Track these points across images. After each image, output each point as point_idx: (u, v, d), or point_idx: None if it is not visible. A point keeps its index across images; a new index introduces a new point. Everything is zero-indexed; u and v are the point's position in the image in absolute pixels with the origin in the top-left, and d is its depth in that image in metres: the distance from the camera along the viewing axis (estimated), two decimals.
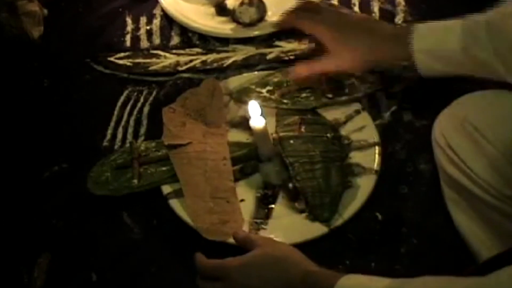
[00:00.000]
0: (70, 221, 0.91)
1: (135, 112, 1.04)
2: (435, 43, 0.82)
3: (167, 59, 1.12)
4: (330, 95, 0.96)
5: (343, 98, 0.96)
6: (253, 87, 1.00)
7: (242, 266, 0.74)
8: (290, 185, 0.87)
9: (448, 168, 0.81)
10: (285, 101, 0.97)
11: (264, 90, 0.99)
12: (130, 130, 1.02)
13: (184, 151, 0.92)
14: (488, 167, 0.77)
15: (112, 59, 1.14)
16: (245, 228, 0.84)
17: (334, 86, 0.97)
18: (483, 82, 0.84)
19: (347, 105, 0.96)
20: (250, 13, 1.14)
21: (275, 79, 1.00)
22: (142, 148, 0.94)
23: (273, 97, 0.98)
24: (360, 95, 0.96)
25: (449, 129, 0.82)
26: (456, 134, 0.81)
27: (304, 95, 0.97)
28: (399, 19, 1.11)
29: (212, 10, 1.19)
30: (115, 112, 1.05)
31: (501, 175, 0.76)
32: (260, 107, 0.88)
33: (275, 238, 0.81)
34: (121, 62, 1.13)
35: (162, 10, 1.21)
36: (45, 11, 1.20)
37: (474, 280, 0.58)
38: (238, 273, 0.73)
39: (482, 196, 0.77)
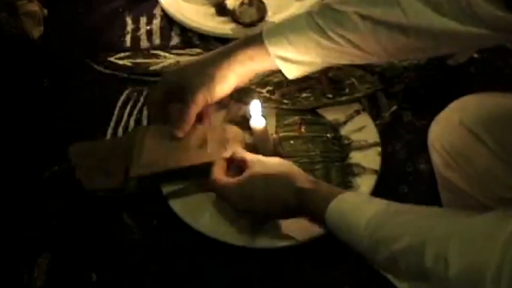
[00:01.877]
0: (70, 221, 0.91)
1: (135, 112, 1.04)
2: (287, 46, 0.82)
3: (167, 59, 1.12)
4: (330, 95, 0.96)
5: (343, 98, 0.96)
6: (253, 87, 1.00)
7: (236, 189, 0.77)
8: None
9: (445, 172, 0.81)
10: (285, 101, 0.97)
11: (264, 90, 0.99)
12: (130, 130, 1.02)
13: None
14: (483, 169, 0.77)
15: (112, 59, 1.14)
16: (246, 229, 0.83)
17: (334, 86, 0.97)
18: (483, 82, 0.84)
19: (347, 105, 0.96)
20: (250, 13, 1.14)
21: (275, 79, 1.00)
22: None
23: (273, 97, 0.98)
24: (360, 95, 0.96)
25: (445, 132, 0.82)
26: (452, 137, 0.81)
27: (304, 95, 0.97)
28: None
29: (212, 10, 1.19)
30: (115, 112, 1.05)
31: (498, 178, 0.76)
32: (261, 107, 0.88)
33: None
34: (121, 62, 1.13)
35: (162, 10, 1.21)
36: (45, 11, 1.20)
37: (462, 218, 0.58)
38: (234, 195, 0.77)
39: (477, 198, 0.77)
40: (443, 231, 0.57)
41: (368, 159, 0.89)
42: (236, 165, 0.83)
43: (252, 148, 0.87)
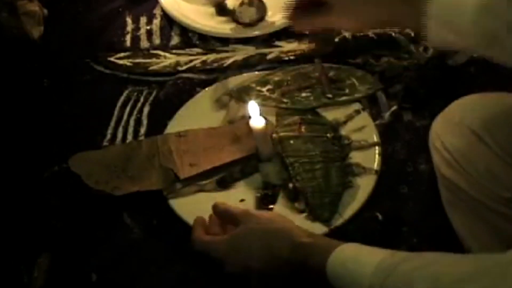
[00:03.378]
0: (70, 221, 0.91)
1: (135, 112, 1.04)
2: (448, 9, 0.78)
3: (167, 59, 1.12)
4: (330, 95, 0.96)
5: (343, 98, 0.96)
6: (254, 85, 1.00)
7: (229, 246, 0.74)
8: (290, 185, 0.87)
9: (446, 171, 0.81)
10: (285, 100, 0.98)
11: (264, 89, 0.99)
12: (130, 130, 1.02)
13: None
14: (485, 169, 0.77)
15: (112, 59, 1.14)
16: None
17: (334, 86, 0.97)
18: (483, 82, 0.84)
19: (347, 105, 0.96)
20: (250, 13, 1.14)
21: (276, 78, 1.00)
22: None
23: (273, 96, 0.98)
24: (360, 95, 0.96)
25: (446, 131, 0.82)
26: (453, 136, 0.80)
27: (304, 94, 0.97)
28: None
29: (212, 10, 1.19)
30: (115, 112, 1.05)
31: (498, 177, 0.76)
32: (259, 107, 0.88)
33: None
34: (121, 62, 1.13)
35: (162, 10, 1.21)
36: (45, 11, 1.20)
37: (476, 261, 0.57)
38: (226, 253, 0.74)
39: (480, 199, 0.77)
40: (457, 276, 0.55)
41: (368, 159, 0.89)
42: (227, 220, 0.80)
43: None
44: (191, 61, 1.11)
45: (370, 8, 0.80)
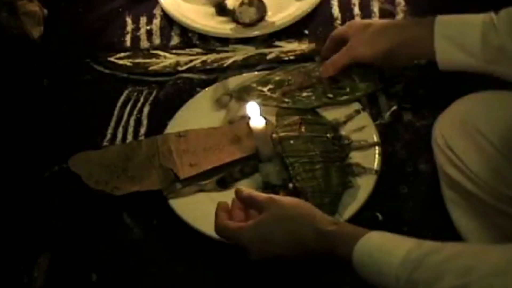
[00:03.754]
0: (70, 221, 0.91)
1: (135, 112, 1.04)
2: (457, 28, 0.81)
3: (167, 59, 1.12)
4: (330, 95, 0.96)
5: (344, 97, 0.96)
6: (254, 85, 1.00)
7: (253, 233, 0.73)
8: (290, 185, 0.87)
9: (448, 169, 0.81)
10: (286, 100, 0.98)
11: (265, 89, 0.99)
12: (130, 130, 1.02)
13: None
14: (488, 167, 0.77)
15: (112, 59, 1.14)
16: None
17: (335, 85, 0.97)
18: (483, 82, 0.84)
19: (347, 105, 0.96)
20: (250, 13, 1.13)
21: (277, 78, 1.00)
22: None
23: (274, 95, 0.98)
24: (361, 94, 0.96)
25: (449, 130, 0.82)
26: (456, 135, 0.81)
27: (305, 94, 0.97)
28: (399, 19, 1.11)
29: (212, 10, 1.19)
30: (115, 112, 1.05)
31: (501, 176, 0.76)
32: (260, 106, 0.88)
33: None
34: (121, 62, 1.13)
35: (162, 10, 1.21)
36: (45, 11, 1.20)
37: (506, 253, 0.56)
38: (251, 240, 0.72)
39: (482, 197, 0.77)
40: (486, 270, 0.55)
41: (368, 159, 0.89)
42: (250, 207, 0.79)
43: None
44: (191, 61, 1.11)
45: (382, 38, 0.89)
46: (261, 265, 0.74)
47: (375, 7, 1.14)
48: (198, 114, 0.99)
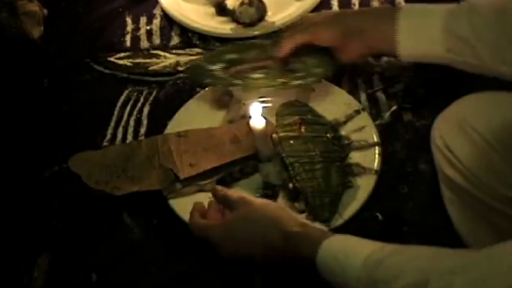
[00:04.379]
0: (70, 221, 0.91)
1: (135, 112, 1.04)
2: (420, 16, 0.82)
3: (167, 59, 1.12)
4: (283, 80, 0.93)
5: (296, 82, 0.94)
6: (204, 63, 0.97)
7: (223, 232, 0.76)
8: (290, 185, 0.87)
9: (447, 170, 0.81)
10: (236, 81, 0.95)
11: (215, 67, 0.96)
12: (130, 130, 1.02)
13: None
14: (486, 168, 0.77)
15: (112, 59, 1.14)
16: None
17: (288, 68, 0.94)
18: (483, 83, 0.84)
19: (347, 105, 0.96)
20: (250, 13, 1.14)
21: (228, 56, 0.97)
22: None
23: (223, 75, 0.95)
24: (313, 79, 0.94)
25: (448, 130, 0.82)
26: (454, 135, 0.81)
27: (256, 75, 0.94)
28: None
29: (212, 10, 1.19)
30: (115, 112, 1.05)
31: (501, 176, 0.76)
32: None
33: None
34: (121, 62, 1.13)
35: (162, 10, 1.21)
36: (45, 11, 1.20)
37: (465, 254, 0.57)
38: (221, 238, 0.75)
39: (481, 197, 0.77)
40: (446, 268, 0.56)
41: (368, 159, 0.89)
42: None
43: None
44: (191, 61, 1.11)
45: (341, 20, 0.89)
46: (235, 274, 0.78)
47: None
48: (198, 114, 0.99)
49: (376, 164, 0.88)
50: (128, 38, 1.19)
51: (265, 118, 0.88)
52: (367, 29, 0.87)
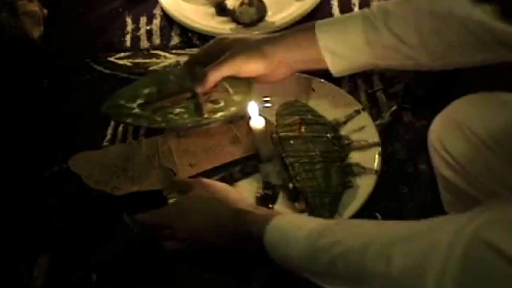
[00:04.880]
0: (70, 221, 0.91)
1: None
2: (340, 36, 0.82)
3: (167, 59, 1.12)
4: (205, 115, 0.86)
5: (218, 115, 0.87)
6: (123, 102, 0.89)
7: (177, 213, 0.77)
8: (290, 185, 0.87)
9: (445, 172, 0.81)
10: (157, 118, 0.87)
11: (134, 105, 0.88)
12: (130, 130, 1.02)
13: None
14: (485, 169, 0.77)
15: (112, 59, 1.14)
16: None
17: (208, 99, 0.88)
18: (483, 83, 0.84)
19: (347, 105, 0.96)
20: (250, 13, 1.14)
21: (146, 90, 0.90)
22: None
23: (144, 113, 0.87)
24: (236, 109, 0.87)
25: (445, 132, 0.82)
26: (452, 137, 0.81)
27: (177, 111, 0.87)
28: None
29: (212, 10, 1.19)
30: None
31: (498, 177, 0.76)
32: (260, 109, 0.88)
33: None
34: (121, 62, 1.13)
35: (162, 10, 1.21)
36: (45, 11, 1.20)
37: (406, 225, 0.58)
38: (176, 220, 0.76)
39: (479, 198, 0.77)
40: (386, 233, 0.57)
41: (368, 159, 0.89)
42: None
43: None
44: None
45: (269, 46, 0.85)
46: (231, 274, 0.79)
47: None
48: None
49: (376, 164, 0.88)
50: (128, 38, 1.19)
51: (265, 118, 0.88)
52: (292, 56, 0.85)
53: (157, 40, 1.17)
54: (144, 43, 1.17)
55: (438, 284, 0.49)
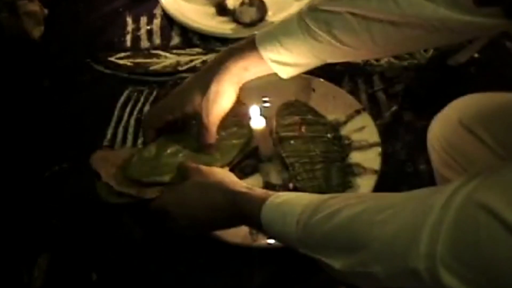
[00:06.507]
0: (70, 221, 0.91)
1: (135, 112, 1.04)
2: (283, 50, 0.81)
3: (168, 59, 1.12)
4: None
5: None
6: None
7: (176, 199, 0.77)
8: (291, 185, 0.87)
9: (444, 172, 0.81)
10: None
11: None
12: (131, 130, 1.02)
13: None
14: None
15: (112, 59, 1.14)
16: (246, 229, 0.83)
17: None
18: (483, 83, 0.84)
19: (348, 105, 0.96)
20: (250, 13, 1.14)
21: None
22: None
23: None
24: (234, 154, 0.87)
25: (445, 132, 0.82)
26: (451, 136, 0.81)
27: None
28: None
29: (212, 10, 1.19)
30: (116, 112, 1.05)
31: None
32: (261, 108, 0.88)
33: None
34: (121, 62, 1.13)
35: (163, 10, 1.21)
36: (45, 11, 1.20)
37: (399, 194, 0.58)
38: (174, 206, 0.76)
39: None
40: (379, 203, 0.57)
41: (368, 159, 0.89)
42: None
43: None
44: (191, 61, 1.11)
45: (227, 77, 0.83)
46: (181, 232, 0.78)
47: None
48: None
49: (376, 164, 0.88)
50: (128, 38, 1.19)
51: (265, 118, 0.88)
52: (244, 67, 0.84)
53: (157, 40, 1.17)
54: (145, 43, 1.17)
55: (431, 246, 0.49)
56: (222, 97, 0.83)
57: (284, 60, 0.82)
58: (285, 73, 0.84)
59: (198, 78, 0.86)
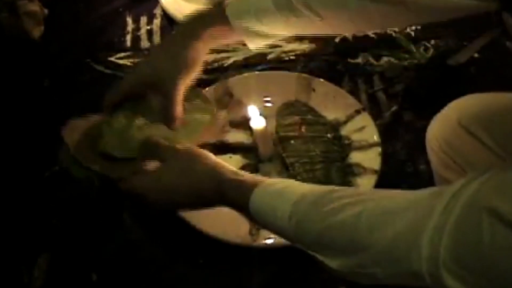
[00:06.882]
0: (70, 221, 0.91)
1: None
2: (256, 22, 0.79)
3: None
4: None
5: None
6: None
7: (155, 185, 0.71)
8: None
9: (443, 172, 0.81)
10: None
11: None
12: None
13: None
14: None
15: (112, 59, 1.14)
16: (246, 229, 0.83)
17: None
18: (482, 83, 0.84)
19: (348, 105, 0.96)
20: None
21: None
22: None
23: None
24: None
25: (443, 132, 0.82)
26: (450, 137, 0.80)
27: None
28: None
29: None
30: None
31: None
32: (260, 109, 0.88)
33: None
34: (121, 62, 1.13)
35: (163, 10, 1.21)
36: (45, 11, 1.20)
37: (399, 193, 0.57)
38: (153, 193, 0.71)
39: None
40: (378, 204, 0.56)
41: (368, 159, 0.89)
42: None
43: None
44: None
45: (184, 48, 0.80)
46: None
47: None
48: None
49: (376, 164, 0.88)
50: (128, 38, 1.19)
51: (265, 118, 0.88)
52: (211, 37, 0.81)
53: (157, 40, 1.17)
54: (145, 43, 1.17)
55: (433, 249, 0.49)
56: (198, 64, 0.80)
57: (255, 30, 0.79)
58: (254, 44, 0.82)
59: (165, 47, 0.82)
